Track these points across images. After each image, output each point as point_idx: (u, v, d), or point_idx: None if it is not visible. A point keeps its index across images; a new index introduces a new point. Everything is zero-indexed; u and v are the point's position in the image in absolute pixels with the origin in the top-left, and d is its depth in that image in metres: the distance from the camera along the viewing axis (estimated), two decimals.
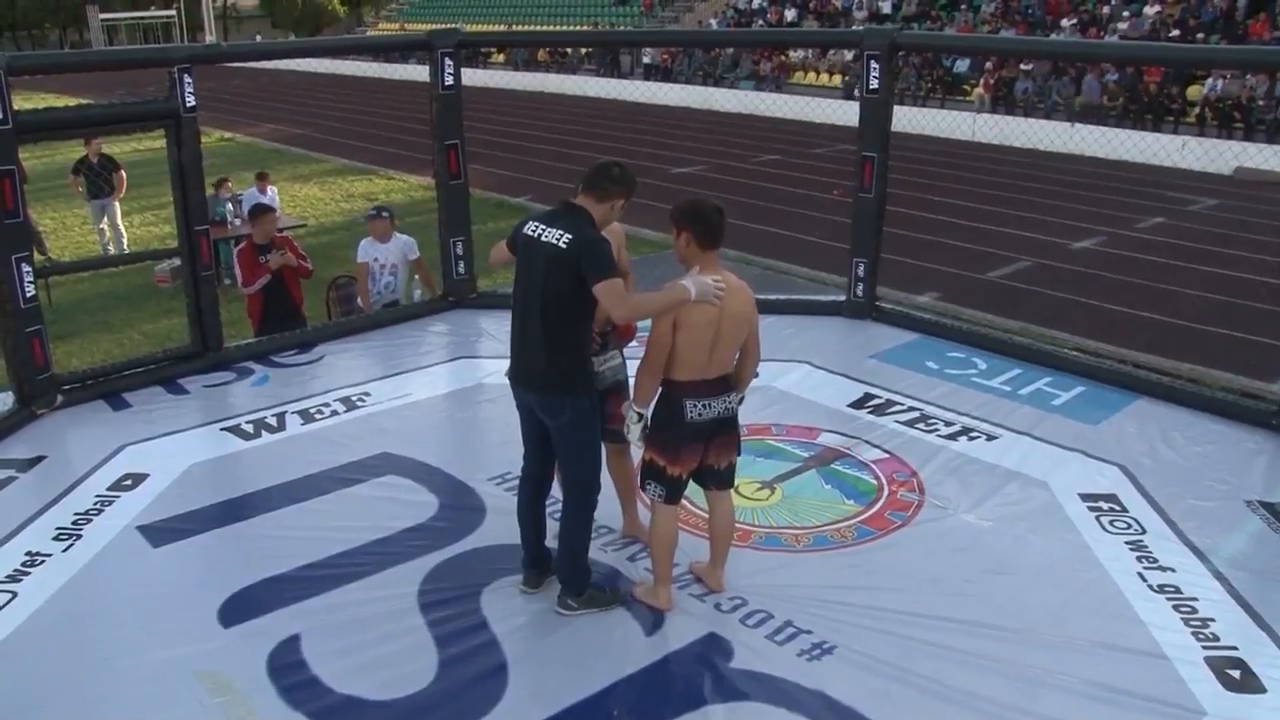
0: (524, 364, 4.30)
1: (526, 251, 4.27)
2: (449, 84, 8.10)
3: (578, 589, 4.48)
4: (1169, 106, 20.81)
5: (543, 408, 4.31)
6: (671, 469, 4.33)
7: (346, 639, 4.32)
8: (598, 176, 4.27)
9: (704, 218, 4.12)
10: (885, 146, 7.88)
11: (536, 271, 4.18)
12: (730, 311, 4.12)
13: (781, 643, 4.34)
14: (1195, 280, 10.87)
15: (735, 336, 4.22)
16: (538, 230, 4.22)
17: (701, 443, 4.32)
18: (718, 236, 4.16)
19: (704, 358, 4.15)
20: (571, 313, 4.19)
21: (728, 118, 25.63)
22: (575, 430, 4.31)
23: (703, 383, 4.20)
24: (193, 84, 6.80)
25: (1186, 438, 6.24)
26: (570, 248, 4.09)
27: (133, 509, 5.43)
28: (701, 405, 4.22)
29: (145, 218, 13.91)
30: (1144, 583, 4.73)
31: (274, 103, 30.79)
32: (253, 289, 7.88)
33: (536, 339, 4.20)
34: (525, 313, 4.26)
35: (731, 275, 4.19)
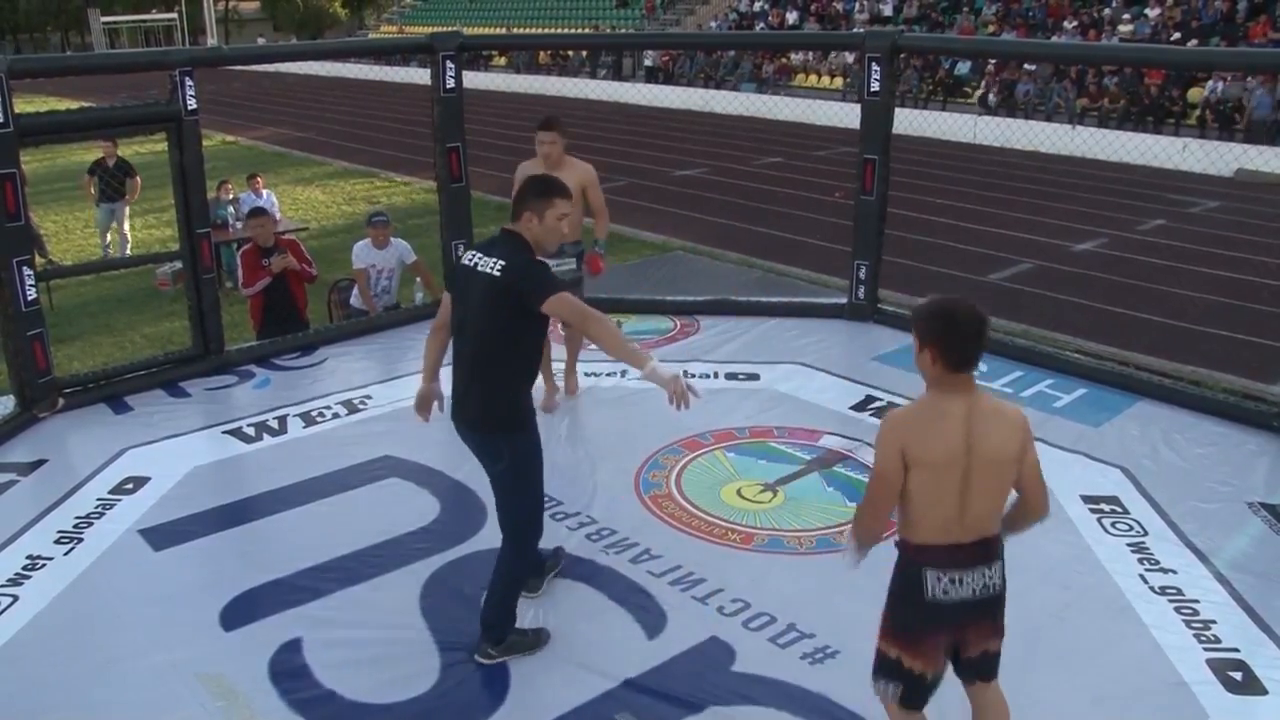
0: (461, 401, 4.04)
1: (463, 282, 4.01)
2: (450, 87, 8.10)
3: (497, 636, 4.21)
4: (1170, 109, 20.81)
5: (479, 449, 4.09)
6: (909, 660, 3.32)
7: (348, 642, 4.32)
8: (518, 199, 4.04)
9: (956, 331, 3.07)
10: (886, 149, 7.89)
11: (472, 303, 3.94)
12: (985, 452, 3.09)
13: (784, 646, 4.33)
14: (1196, 282, 10.86)
15: (996, 485, 3.17)
16: (474, 260, 3.97)
17: (951, 626, 3.27)
18: (971, 354, 3.10)
19: (952, 512, 3.13)
20: (508, 346, 3.95)
21: (729, 120, 25.62)
22: (513, 474, 4.08)
23: (953, 548, 3.18)
24: (194, 87, 6.81)
25: (1188, 440, 6.23)
26: (505, 274, 3.84)
27: (134, 512, 5.44)
28: (949, 580, 3.20)
29: (147, 220, 13.90)
30: (1145, 584, 4.73)
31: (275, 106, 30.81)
32: (252, 291, 7.89)
33: (473, 375, 3.97)
34: (463, 347, 4.02)
35: (996, 403, 3.19)
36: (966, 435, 3.07)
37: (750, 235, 12.88)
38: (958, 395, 3.11)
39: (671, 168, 18.43)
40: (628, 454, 6.07)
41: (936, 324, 3.10)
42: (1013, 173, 17.94)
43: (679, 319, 8.48)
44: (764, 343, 7.92)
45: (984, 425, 3.10)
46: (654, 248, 12.29)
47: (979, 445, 3.09)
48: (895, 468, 3.12)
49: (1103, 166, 18.13)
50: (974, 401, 3.12)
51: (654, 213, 14.39)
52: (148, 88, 8.19)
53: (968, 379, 3.12)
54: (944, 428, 3.08)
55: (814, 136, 21.32)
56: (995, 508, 3.22)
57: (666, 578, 4.81)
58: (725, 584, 4.75)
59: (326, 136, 23.30)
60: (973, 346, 3.08)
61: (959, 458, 3.08)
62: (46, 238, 12.19)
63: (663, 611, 4.56)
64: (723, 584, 4.75)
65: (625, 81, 31.42)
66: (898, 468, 3.11)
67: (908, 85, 24.08)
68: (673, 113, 26.76)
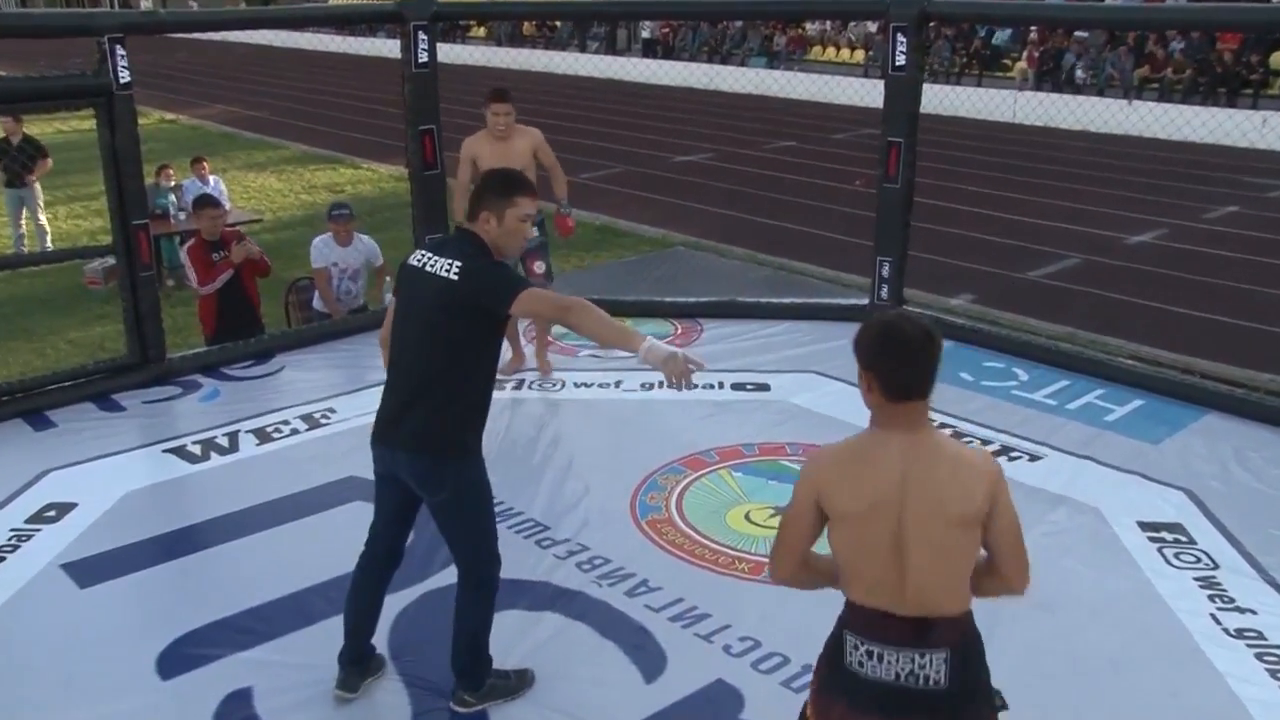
0: (394, 420, 3.90)
1: (409, 286, 3.93)
2: (423, 61, 8.10)
3: (476, 683, 4.17)
4: (1246, 78, 20.67)
5: (417, 476, 3.94)
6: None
7: (304, 690, 4.29)
8: (475, 196, 3.98)
9: (896, 350, 2.83)
10: (913, 131, 7.88)
11: (421, 308, 3.85)
12: (924, 505, 2.78)
13: (798, 690, 4.30)
14: (1273, 277, 10.85)
15: (947, 551, 2.80)
16: (424, 260, 3.89)
17: (874, 713, 2.90)
18: (913, 380, 2.83)
19: (885, 574, 2.83)
20: (460, 359, 3.85)
21: (736, 99, 25.69)
22: (461, 507, 3.99)
23: (880, 616, 2.86)
24: (126, 56, 6.78)
25: (1264, 458, 6.22)
26: (462, 277, 3.76)
27: (57, 544, 5.40)
28: (865, 651, 2.89)
29: (72, 209, 13.89)
30: (1218, 625, 4.70)
31: (224, 80, 30.85)
32: (213, 287, 7.83)
33: (416, 389, 3.85)
34: (404, 358, 3.92)
35: (953, 447, 2.95)
36: (899, 482, 2.78)
37: (759, 228, 12.90)
38: (896, 432, 2.84)
39: (672, 153, 18.46)
40: (623, 474, 6.06)
41: (875, 343, 2.87)
42: (1059, 155, 17.97)
43: (680, 322, 8.49)
44: (775, 349, 7.93)
45: (926, 471, 2.79)
46: (652, 243, 12.30)
47: (915, 495, 2.77)
48: (804, 513, 2.93)
49: (1163, 146, 18.15)
50: (917, 441, 2.83)
51: (652, 203, 14.42)
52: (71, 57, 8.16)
53: (914, 412, 2.84)
54: (869, 471, 2.82)
55: (832, 117, 21.38)
56: (947, 581, 2.85)
57: (666, 613, 4.80)
58: (732, 620, 4.74)
59: (283, 116, 23.34)
60: (916, 370, 2.81)
61: (886, 510, 2.78)
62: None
63: (662, 651, 4.55)
64: (729, 620, 4.74)
65: (620, 56, 31.51)
66: (808, 515, 2.92)
67: (938, 58, 24.13)
68: (673, 91, 26.80)
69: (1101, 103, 20.63)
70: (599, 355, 7.85)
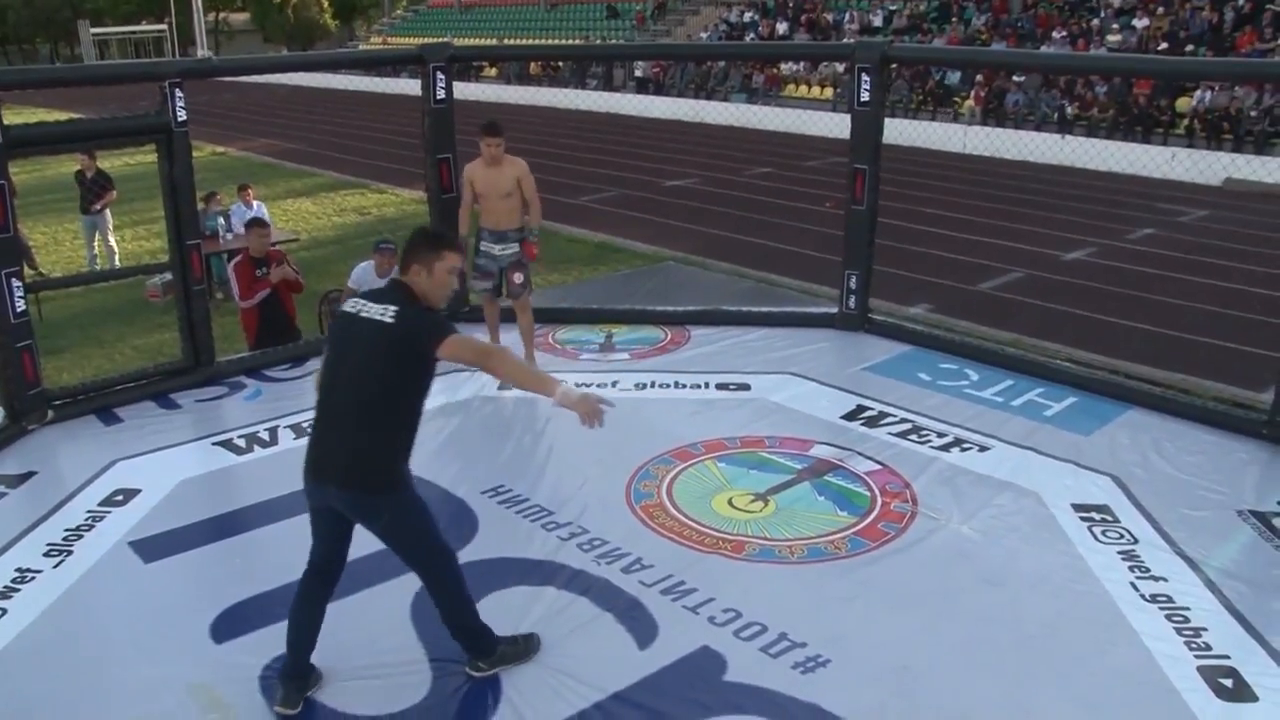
0: (327, 457, 3.80)
1: (343, 331, 3.85)
2: (441, 98, 8.13)
3: (487, 651, 4.17)
4: (1158, 118, 20.88)
5: (352, 509, 3.84)
6: None
7: (338, 654, 4.29)
8: (407, 250, 3.90)
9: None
10: (877, 158, 7.91)
11: (355, 351, 3.76)
12: None
13: (776, 655, 4.33)
14: (1186, 291, 10.90)
15: None
16: (358, 308, 3.83)
17: None
18: None
19: None
20: (394, 398, 3.76)
21: (720, 130, 25.67)
22: (403, 528, 3.90)
23: None
24: (184, 98, 6.81)
25: (1178, 447, 6.26)
26: (399, 321, 3.72)
27: (124, 524, 5.42)
28: None
29: (137, 232, 13.89)
30: (1136, 593, 4.74)
31: (266, 117, 30.82)
32: (251, 303, 7.92)
33: (348, 428, 3.76)
34: (336, 398, 3.81)
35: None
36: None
37: (741, 245, 12.90)
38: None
39: (662, 178, 18.46)
40: (619, 464, 6.07)
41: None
42: (1003, 182, 18.00)
43: (670, 329, 8.49)
44: (755, 352, 7.94)
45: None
46: (645, 258, 12.30)
47: None
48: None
49: (1092, 176, 18.20)
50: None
51: (645, 223, 14.42)
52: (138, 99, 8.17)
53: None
54: None
55: (805, 146, 21.37)
56: None
57: (658, 587, 4.81)
58: (716, 594, 4.74)
59: (317, 148, 23.31)
60: None
61: None
62: (35, 249, 12.17)
63: (654, 621, 4.56)
64: (714, 594, 4.75)
65: (616, 92, 31.49)
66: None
67: (898, 95, 24.15)
68: (663, 123, 26.81)
69: (1039, 136, 20.69)
70: (597, 359, 7.87)
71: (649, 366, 7.69)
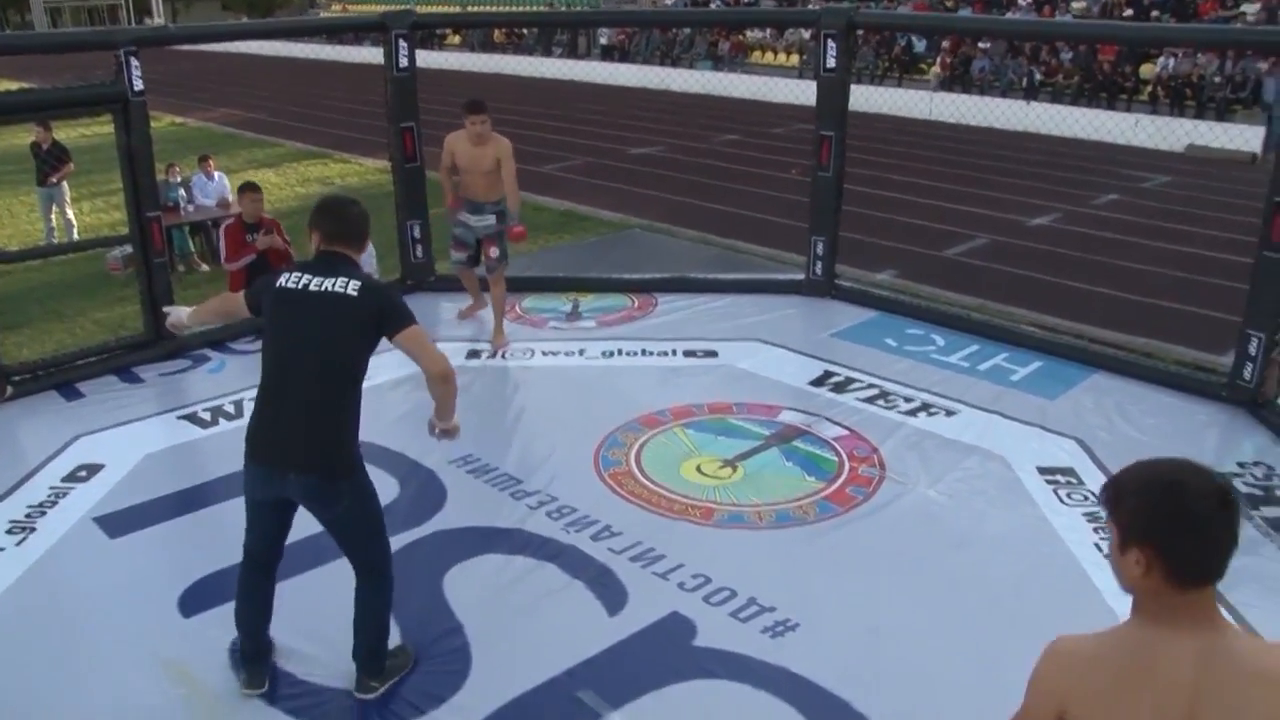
0: (285, 440, 3.60)
1: (293, 305, 3.59)
2: (403, 66, 8.05)
3: (379, 668, 3.96)
4: (1122, 85, 20.99)
5: (312, 494, 3.65)
6: None
7: (308, 625, 4.29)
8: (358, 224, 3.78)
9: (1192, 520, 1.82)
10: (843, 125, 7.92)
11: (313, 326, 3.55)
12: None
13: (745, 620, 4.36)
14: (1149, 256, 10.98)
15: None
16: (304, 281, 3.60)
17: None
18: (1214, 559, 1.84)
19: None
20: (356, 374, 3.64)
21: (686, 98, 25.56)
22: (360, 515, 3.77)
23: None
24: (140, 67, 6.71)
25: (1141, 411, 6.34)
26: (365, 295, 3.57)
27: (88, 500, 5.38)
28: None
29: (95, 204, 13.67)
30: (1101, 553, 4.78)
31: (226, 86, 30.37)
32: (236, 266, 7.88)
33: (310, 409, 3.56)
34: (291, 379, 3.58)
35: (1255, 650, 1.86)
36: (1186, 715, 1.79)
37: (708, 212, 12.88)
38: (1183, 635, 1.83)
39: (629, 146, 18.37)
40: (586, 432, 6.08)
41: (1158, 508, 1.85)
42: (968, 148, 18.04)
43: (636, 296, 8.49)
44: (722, 319, 7.95)
45: (1232, 699, 1.77)
46: (611, 226, 12.26)
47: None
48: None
49: (1057, 142, 18.27)
50: (1210, 650, 1.81)
51: (611, 191, 14.35)
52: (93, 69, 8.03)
53: (1205, 602, 1.85)
54: (1144, 695, 1.83)
55: (771, 114, 21.32)
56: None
57: (627, 554, 4.83)
58: (685, 559, 4.77)
59: (279, 118, 23.03)
60: (1217, 544, 1.83)
61: None
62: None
63: (623, 588, 4.58)
64: (683, 559, 4.77)
65: (581, 60, 31.28)
66: None
67: (864, 62, 24.13)
68: (629, 91, 26.65)
69: (1004, 103, 20.72)
70: (564, 327, 7.86)
71: (616, 334, 7.69)
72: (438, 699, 3.92)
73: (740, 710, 3.87)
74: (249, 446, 3.70)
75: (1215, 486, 1.84)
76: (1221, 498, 1.83)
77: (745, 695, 3.94)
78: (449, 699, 3.93)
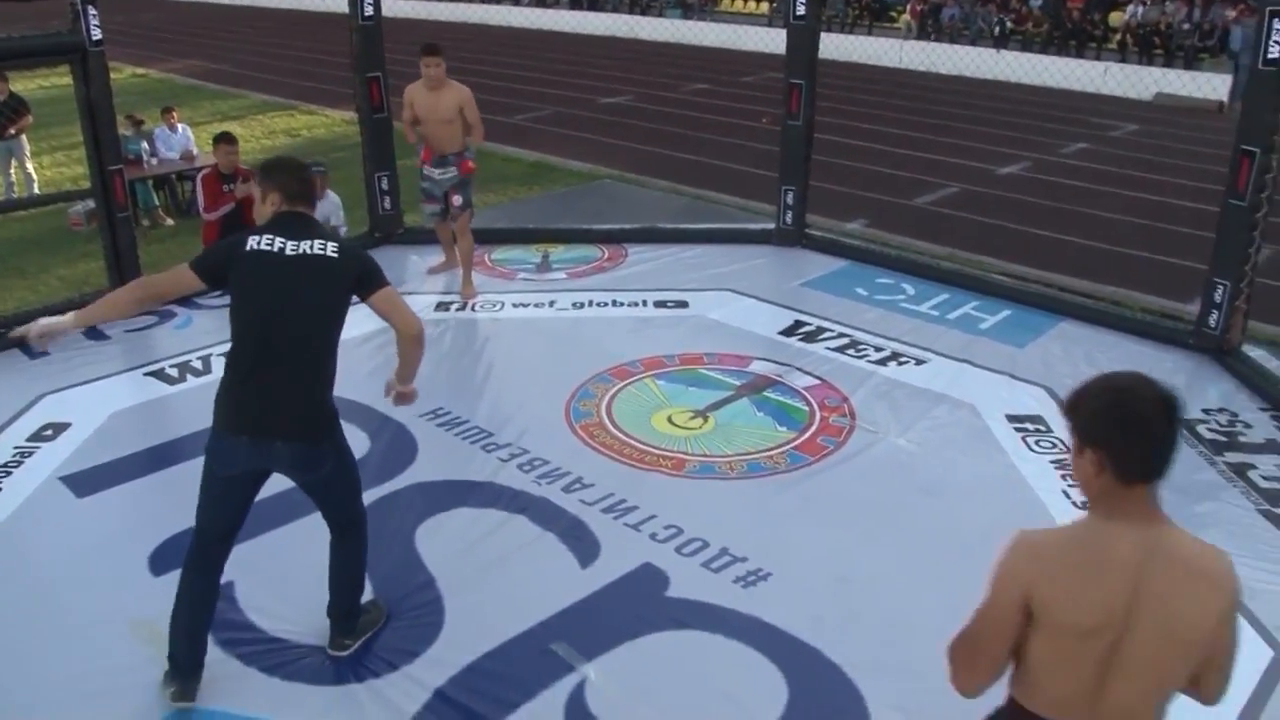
0: (272, 409, 3.47)
1: (269, 270, 3.46)
2: (369, 14, 7.92)
3: (353, 625, 3.95)
4: (1091, 33, 20.95)
5: (300, 460, 3.58)
6: None
7: (280, 582, 4.28)
8: (306, 185, 3.66)
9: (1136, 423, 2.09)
10: (813, 74, 7.87)
11: (295, 291, 3.44)
12: (1156, 624, 2.07)
13: (717, 570, 4.38)
14: (1117, 204, 11.02)
15: (1163, 671, 2.13)
16: (277, 244, 3.47)
17: None
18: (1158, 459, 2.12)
19: (1081, 688, 2.16)
20: (337, 336, 3.58)
21: (655, 47, 25.32)
22: (343, 474, 3.73)
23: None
24: (97, 16, 6.56)
25: (1109, 358, 6.37)
26: (345, 257, 3.51)
27: (55, 459, 5.32)
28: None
29: (56, 158, 13.42)
30: (1069, 500, 4.84)
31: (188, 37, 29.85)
32: (213, 216, 7.94)
33: (296, 375, 3.48)
34: (275, 345, 3.45)
35: (1190, 546, 2.15)
36: (1130, 596, 2.06)
37: (677, 162, 12.80)
38: (1131, 527, 2.10)
39: (598, 95, 18.20)
40: (557, 384, 6.06)
41: (1107, 416, 2.11)
42: (938, 97, 17.98)
43: (607, 247, 8.44)
44: (692, 269, 7.93)
45: (1163, 585, 2.06)
46: (581, 176, 12.17)
47: (1148, 616, 2.06)
48: (1009, 616, 2.17)
49: (1026, 90, 18.25)
50: (1153, 540, 2.10)
51: (580, 141, 14.24)
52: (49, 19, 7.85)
53: (1149, 496, 2.13)
54: (1099, 580, 2.09)
55: (740, 62, 21.16)
56: (1156, 702, 2.18)
57: (599, 506, 4.83)
58: (657, 510, 4.78)
59: (243, 68, 22.65)
60: (1161, 446, 2.09)
61: (1111, 626, 2.08)
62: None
63: (596, 540, 4.58)
64: (655, 511, 4.78)
65: (549, 9, 30.89)
66: (1013, 617, 2.17)
67: (834, 9, 23.96)
68: (598, 40, 26.38)
69: (974, 51, 20.64)
70: (534, 278, 7.81)
71: (586, 285, 7.65)
72: (411, 654, 3.92)
73: (713, 660, 3.90)
74: (225, 419, 3.54)
75: (1160, 394, 2.08)
76: (1165, 404, 2.07)
77: (718, 645, 3.96)
78: (423, 653, 3.93)
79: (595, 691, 3.74)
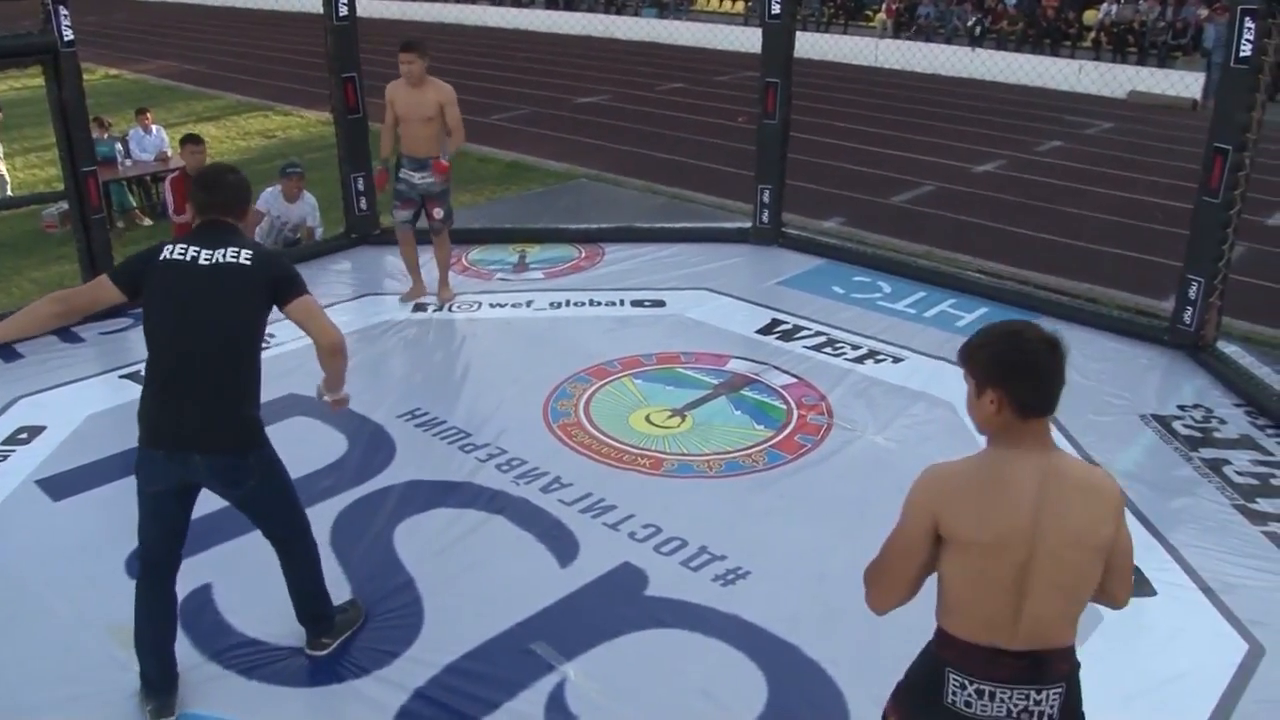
0: (185, 421, 3.39)
1: (180, 280, 3.40)
2: (344, 15, 7.88)
3: (329, 625, 3.95)
4: (1066, 31, 21.08)
5: (218, 474, 3.50)
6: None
7: (258, 584, 4.24)
8: (232, 191, 3.60)
9: (1028, 362, 2.36)
10: (788, 72, 7.89)
11: (208, 300, 3.37)
12: (1059, 539, 2.30)
13: (696, 569, 4.39)
14: (1092, 202, 11.10)
15: (1070, 583, 2.35)
16: (190, 254, 3.41)
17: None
18: (1050, 392, 2.38)
19: (1000, 608, 2.35)
20: (256, 344, 3.50)
21: (630, 46, 25.33)
22: (270, 489, 3.64)
23: (991, 653, 2.38)
24: (69, 16, 6.51)
25: (1084, 355, 6.40)
26: (258, 263, 3.44)
27: (30, 463, 5.28)
28: (974, 691, 2.40)
29: (29, 160, 13.33)
30: None
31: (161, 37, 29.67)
32: (183, 218, 7.93)
33: (210, 386, 3.39)
34: (188, 355, 3.37)
35: (1082, 469, 2.45)
36: (1033, 512, 2.29)
37: (654, 161, 12.82)
38: (1030, 454, 2.34)
39: (574, 95, 18.19)
40: (535, 384, 6.06)
41: (1002, 359, 2.36)
42: (914, 95, 18.06)
43: (583, 247, 8.44)
44: (669, 269, 7.94)
45: (1060, 500, 2.30)
46: (557, 176, 12.17)
47: (1051, 527, 2.29)
48: (918, 539, 2.42)
49: (1002, 89, 18.35)
50: (1048, 464, 2.34)
51: (556, 141, 14.23)
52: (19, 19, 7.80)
53: (1042, 429, 2.38)
54: (1002, 500, 2.31)
55: (716, 61, 21.20)
56: (1068, 612, 2.38)
57: (577, 505, 4.84)
58: (636, 510, 4.79)
59: (217, 69, 22.53)
60: (1049, 384, 2.35)
61: (1018, 543, 2.29)
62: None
63: (574, 540, 4.59)
64: (633, 510, 4.79)
65: (525, 8, 30.85)
66: (922, 540, 2.42)
67: (809, 8, 24.02)
68: (573, 39, 26.36)
69: (950, 49, 20.73)
70: (511, 279, 7.81)
71: (563, 285, 7.65)
72: (390, 654, 3.92)
73: (693, 658, 3.91)
74: (144, 431, 3.50)
75: (1045, 336, 2.36)
76: (1051, 344, 2.35)
77: (697, 643, 3.97)
78: (402, 653, 3.92)
79: (575, 691, 3.74)
